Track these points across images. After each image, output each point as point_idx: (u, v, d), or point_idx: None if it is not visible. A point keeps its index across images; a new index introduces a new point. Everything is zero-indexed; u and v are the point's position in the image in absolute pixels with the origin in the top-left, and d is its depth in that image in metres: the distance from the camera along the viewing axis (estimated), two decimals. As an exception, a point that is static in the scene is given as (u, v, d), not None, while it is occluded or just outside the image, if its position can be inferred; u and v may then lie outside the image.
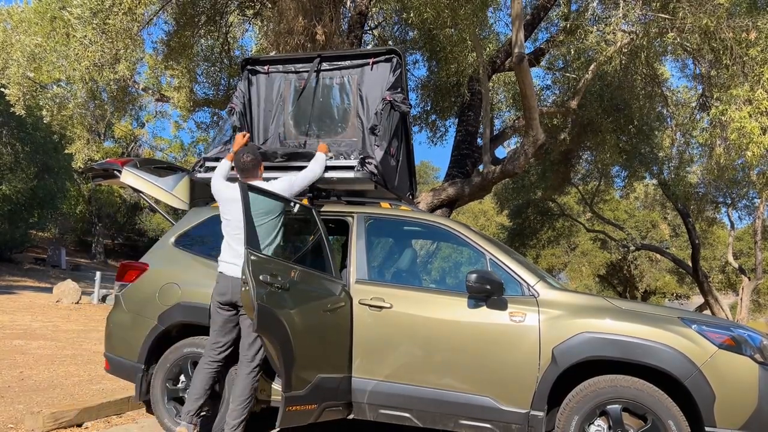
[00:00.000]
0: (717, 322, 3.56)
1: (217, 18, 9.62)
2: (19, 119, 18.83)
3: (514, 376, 3.48)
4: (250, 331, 3.62)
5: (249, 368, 3.68)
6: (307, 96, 4.86)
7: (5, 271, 21.39)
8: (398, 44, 11.66)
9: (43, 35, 7.91)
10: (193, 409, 3.73)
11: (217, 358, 3.80)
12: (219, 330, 3.81)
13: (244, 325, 3.72)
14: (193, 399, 3.75)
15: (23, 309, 12.40)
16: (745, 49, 6.71)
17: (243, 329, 3.75)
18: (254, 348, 3.68)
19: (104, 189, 29.88)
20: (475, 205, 33.37)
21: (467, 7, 6.72)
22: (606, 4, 8.36)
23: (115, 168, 4.63)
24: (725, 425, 3.17)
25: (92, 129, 9.59)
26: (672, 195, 14.99)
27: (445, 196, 8.54)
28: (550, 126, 10.94)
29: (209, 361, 3.80)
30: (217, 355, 3.80)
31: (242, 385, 3.66)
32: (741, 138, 6.56)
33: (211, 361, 3.80)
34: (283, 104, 4.98)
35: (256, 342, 3.65)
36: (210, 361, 3.80)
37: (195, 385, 3.77)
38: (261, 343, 3.61)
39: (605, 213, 22.89)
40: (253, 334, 3.62)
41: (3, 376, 5.80)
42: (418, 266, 4.74)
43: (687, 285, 28.88)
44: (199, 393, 3.75)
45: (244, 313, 3.65)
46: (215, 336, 3.82)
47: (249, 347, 3.70)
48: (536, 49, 10.14)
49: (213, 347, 3.81)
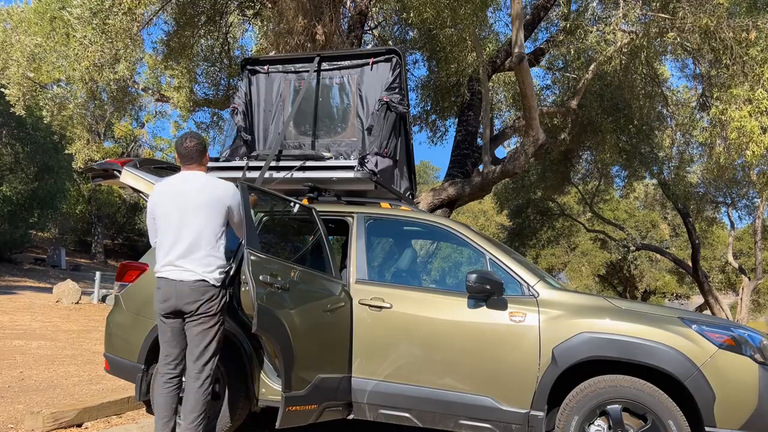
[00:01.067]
0: (717, 322, 3.55)
1: (217, 18, 9.62)
2: (19, 119, 18.84)
3: (514, 376, 3.48)
4: (198, 340, 3.34)
5: (199, 381, 3.33)
6: (307, 96, 4.86)
7: (5, 272, 21.39)
8: (398, 44, 11.66)
9: (43, 35, 7.91)
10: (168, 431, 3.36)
11: (174, 373, 3.41)
12: (169, 341, 3.41)
13: (191, 333, 3.36)
14: (162, 424, 3.34)
15: (23, 309, 12.40)
16: (745, 48, 6.71)
17: (189, 338, 3.37)
18: (203, 358, 3.34)
19: (104, 189, 29.87)
20: (475, 205, 33.37)
21: (467, 6, 6.72)
22: (606, 4, 8.37)
23: (115, 168, 4.63)
24: (725, 425, 3.17)
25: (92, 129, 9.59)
26: (672, 195, 15.00)
27: (445, 196, 8.54)
28: (550, 126, 10.95)
29: (167, 378, 3.39)
30: (172, 369, 3.40)
31: (193, 400, 3.31)
32: (741, 137, 6.56)
33: (170, 378, 3.39)
34: (282, 104, 4.98)
35: (206, 352, 3.35)
36: (169, 378, 3.39)
37: (159, 408, 3.38)
38: (212, 353, 3.36)
39: (605, 213, 22.89)
40: (202, 343, 3.33)
41: (3, 376, 5.80)
42: (418, 266, 4.74)
43: (687, 285, 28.88)
44: (167, 415, 3.36)
45: (191, 320, 3.34)
46: (166, 348, 3.42)
47: (198, 358, 3.33)
48: (536, 49, 10.14)
49: (166, 361, 3.41)
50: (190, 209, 3.37)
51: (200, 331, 3.35)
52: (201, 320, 3.35)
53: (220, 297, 3.41)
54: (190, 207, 3.37)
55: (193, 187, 3.42)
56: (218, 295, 3.38)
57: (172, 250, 3.36)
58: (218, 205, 3.40)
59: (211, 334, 3.37)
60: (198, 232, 3.35)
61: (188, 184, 3.44)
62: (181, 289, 3.30)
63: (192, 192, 3.40)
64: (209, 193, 3.41)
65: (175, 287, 3.32)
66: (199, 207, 3.37)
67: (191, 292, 3.31)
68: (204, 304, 3.33)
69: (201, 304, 3.32)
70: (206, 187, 3.43)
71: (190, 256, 3.34)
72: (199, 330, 3.35)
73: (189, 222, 3.35)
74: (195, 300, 3.31)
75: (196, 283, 3.32)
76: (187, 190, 3.41)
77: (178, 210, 3.37)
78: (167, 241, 3.38)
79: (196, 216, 3.36)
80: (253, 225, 3.44)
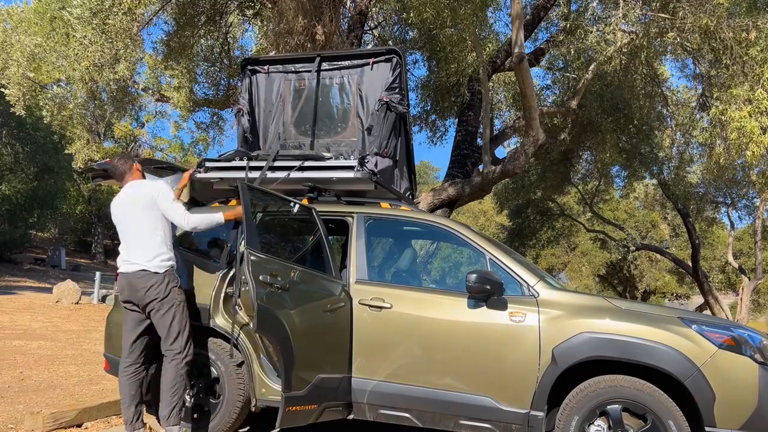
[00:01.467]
0: (717, 322, 3.56)
1: (217, 18, 9.61)
2: (19, 119, 18.84)
3: (514, 376, 3.48)
4: (168, 324, 3.62)
5: (178, 359, 3.62)
6: (307, 96, 4.86)
7: (5, 272, 21.39)
8: (398, 44, 11.67)
9: (43, 35, 7.91)
10: (130, 415, 3.65)
11: (129, 360, 3.72)
12: (130, 329, 3.74)
13: (163, 320, 3.63)
14: (124, 408, 3.67)
15: (23, 309, 12.40)
16: (745, 48, 6.71)
17: (160, 325, 3.66)
18: (181, 341, 3.63)
19: (104, 189, 29.83)
20: (475, 205, 33.37)
21: (467, 6, 6.72)
22: (606, 4, 8.36)
23: (115, 168, 4.62)
24: (725, 425, 3.17)
25: (92, 129, 9.59)
26: (672, 195, 15.00)
27: (445, 196, 8.53)
28: (550, 126, 10.95)
29: (126, 365, 3.71)
30: (130, 354, 3.72)
31: (169, 378, 3.60)
32: (741, 137, 6.56)
33: (128, 365, 3.71)
34: (283, 104, 4.98)
35: (182, 335, 3.63)
36: (127, 365, 3.71)
37: (121, 394, 3.69)
38: (176, 334, 3.62)
39: (605, 213, 22.89)
40: (174, 327, 3.61)
41: (3, 376, 5.80)
42: (418, 266, 4.74)
43: (687, 285, 28.89)
44: (127, 401, 3.67)
45: (153, 308, 3.62)
46: (127, 335, 3.75)
47: (174, 341, 3.64)
48: (536, 49, 10.13)
49: (127, 348, 3.74)
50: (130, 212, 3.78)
51: (159, 316, 3.65)
52: (155, 306, 3.65)
53: (165, 283, 3.66)
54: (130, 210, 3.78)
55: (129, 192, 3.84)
56: (162, 281, 3.65)
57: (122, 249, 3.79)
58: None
59: (168, 317, 3.64)
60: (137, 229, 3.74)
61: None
62: (131, 282, 3.67)
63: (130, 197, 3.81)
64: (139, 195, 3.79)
65: (125, 279, 3.70)
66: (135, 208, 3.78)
67: (137, 281, 3.66)
68: (149, 291, 3.62)
69: (146, 291, 3.62)
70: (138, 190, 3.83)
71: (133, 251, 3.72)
72: (158, 316, 3.65)
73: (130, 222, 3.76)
74: (142, 287, 3.63)
75: (139, 273, 3.66)
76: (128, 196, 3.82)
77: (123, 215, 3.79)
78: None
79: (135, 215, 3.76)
80: (252, 225, 3.46)
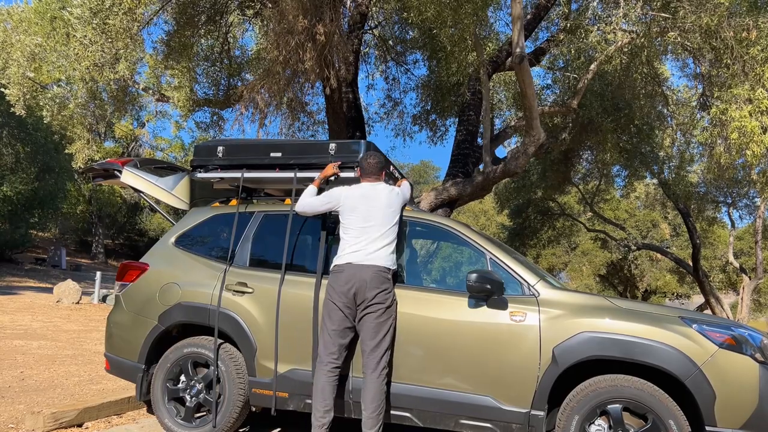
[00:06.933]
0: (717, 322, 3.55)
1: (217, 18, 9.60)
2: (20, 119, 18.85)
3: (514, 376, 3.48)
4: (375, 332, 3.52)
5: (377, 372, 3.51)
6: None
7: (6, 272, 21.41)
8: (398, 44, 11.68)
9: (43, 35, 7.90)
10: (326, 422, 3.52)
11: (337, 363, 3.59)
12: (339, 333, 3.58)
13: (369, 325, 3.54)
14: (322, 413, 3.51)
15: (24, 309, 12.40)
16: (745, 48, 6.70)
17: (367, 330, 3.54)
18: (379, 350, 3.52)
19: (104, 189, 29.89)
20: (476, 205, 33.36)
21: (468, 6, 6.71)
22: (606, 4, 8.35)
23: (116, 168, 4.63)
24: (726, 425, 3.17)
25: (92, 129, 9.56)
26: (672, 194, 15.00)
27: (446, 196, 8.53)
28: (551, 125, 10.94)
29: (330, 368, 3.56)
30: (336, 359, 3.58)
31: (373, 390, 3.49)
32: (741, 137, 6.55)
33: (334, 367, 3.58)
34: None
35: (382, 344, 3.52)
36: (332, 368, 3.57)
37: (317, 396, 3.54)
38: (388, 345, 3.54)
39: (606, 212, 22.87)
40: (378, 335, 3.50)
41: (3, 376, 5.80)
42: (418, 266, 4.73)
43: (687, 284, 28.87)
44: (330, 403, 3.54)
45: (371, 312, 3.52)
46: (336, 339, 3.58)
47: (373, 350, 3.52)
48: (536, 49, 10.12)
49: (330, 355, 3.57)
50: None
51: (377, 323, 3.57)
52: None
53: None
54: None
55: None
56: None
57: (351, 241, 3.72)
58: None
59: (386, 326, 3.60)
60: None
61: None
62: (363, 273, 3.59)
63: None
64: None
65: (357, 271, 3.61)
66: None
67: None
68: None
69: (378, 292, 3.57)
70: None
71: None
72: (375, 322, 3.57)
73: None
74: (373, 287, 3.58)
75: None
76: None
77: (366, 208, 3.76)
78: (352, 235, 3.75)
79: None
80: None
